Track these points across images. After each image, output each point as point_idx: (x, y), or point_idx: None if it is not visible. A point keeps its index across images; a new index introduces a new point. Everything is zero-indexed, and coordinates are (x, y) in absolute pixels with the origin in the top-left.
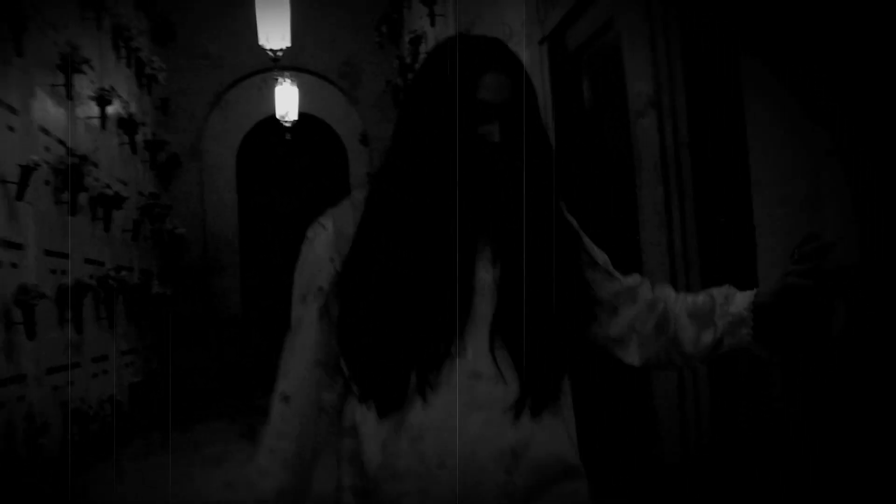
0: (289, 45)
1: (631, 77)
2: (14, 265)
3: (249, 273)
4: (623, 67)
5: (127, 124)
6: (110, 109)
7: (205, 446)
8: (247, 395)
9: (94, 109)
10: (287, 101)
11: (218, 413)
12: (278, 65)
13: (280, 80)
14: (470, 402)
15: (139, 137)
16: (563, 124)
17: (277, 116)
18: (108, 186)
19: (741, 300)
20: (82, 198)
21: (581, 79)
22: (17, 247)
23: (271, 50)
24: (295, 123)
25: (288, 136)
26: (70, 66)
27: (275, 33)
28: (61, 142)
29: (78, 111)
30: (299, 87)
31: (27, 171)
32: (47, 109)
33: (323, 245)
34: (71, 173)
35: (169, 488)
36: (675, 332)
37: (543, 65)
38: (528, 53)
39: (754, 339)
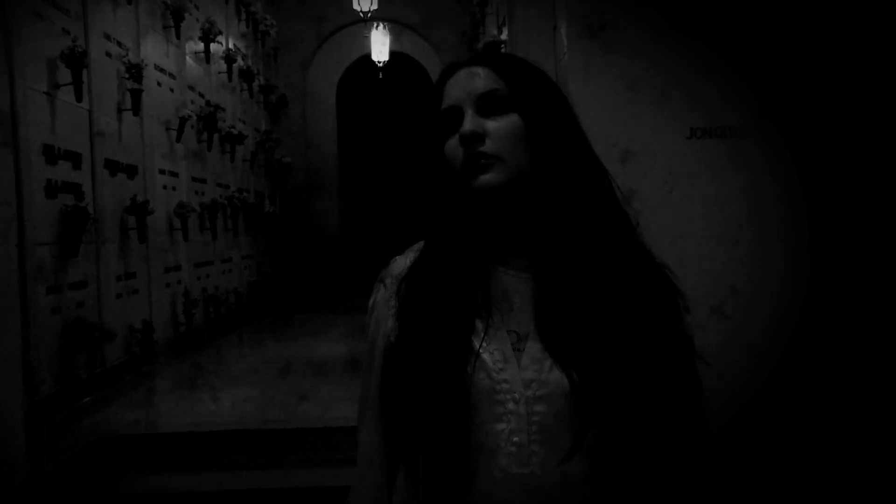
0: (375, 7)
1: None
2: (174, 188)
3: (347, 195)
4: None
5: (246, 74)
6: (235, 65)
7: (306, 325)
8: (339, 297)
9: (224, 66)
10: (380, 44)
11: (315, 308)
12: (371, 16)
13: (374, 27)
14: None
15: (255, 84)
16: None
17: (372, 58)
18: (233, 127)
19: None
20: (216, 137)
21: None
22: (175, 175)
23: (361, 11)
24: (386, 64)
25: (380, 75)
26: (208, 36)
27: None
28: (201, 94)
29: (212, 68)
30: (391, 32)
31: (183, 120)
32: (192, 72)
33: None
34: (208, 119)
35: (275, 350)
36: None
37: (559, 48)
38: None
39: None
